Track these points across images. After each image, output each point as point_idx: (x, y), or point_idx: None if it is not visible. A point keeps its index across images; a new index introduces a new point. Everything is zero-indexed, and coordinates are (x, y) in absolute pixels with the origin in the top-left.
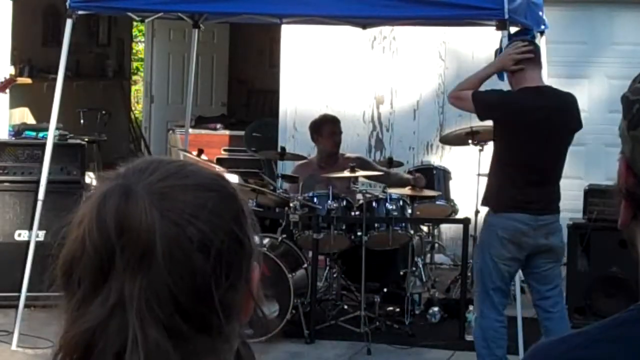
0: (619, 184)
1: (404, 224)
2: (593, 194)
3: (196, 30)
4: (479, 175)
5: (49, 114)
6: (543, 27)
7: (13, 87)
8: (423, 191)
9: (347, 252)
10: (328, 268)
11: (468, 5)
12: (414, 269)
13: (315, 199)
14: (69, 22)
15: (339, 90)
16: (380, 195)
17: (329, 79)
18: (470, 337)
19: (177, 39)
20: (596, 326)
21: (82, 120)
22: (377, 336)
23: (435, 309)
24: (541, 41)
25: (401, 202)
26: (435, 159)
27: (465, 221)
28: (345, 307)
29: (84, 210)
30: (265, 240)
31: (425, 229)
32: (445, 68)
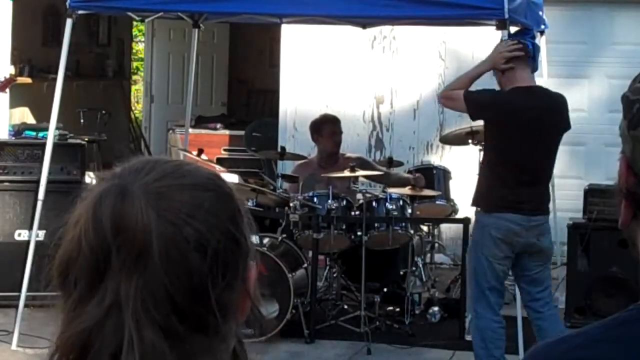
0: (620, 183)
1: (404, 224)
2: (593, 194)
3: (196, 30)
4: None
5: (49, 114)
6: (543, 27)
7: (13, 87)
8: (423, 191)
9: (347, 252)
10: (328, 268)
11: (468, 5)
12: (414, 268)
13: (315, 199)
14: (69, 22)
15: (339, 90)
16: (380, 195)
17: (329, 79)
18: (470, 337)
19: (177, 39)
20: (596, 326)
21: (82, 120)
22: (377, 336)
23: (435, 308)
24: (541, 41)
25: (401, 202)
26: (435, 159)
27: (465, 221)
28: (345, 307)
29: (80, 210)
30: (265, 240)
31: (425, 228)
32: (445, 68)
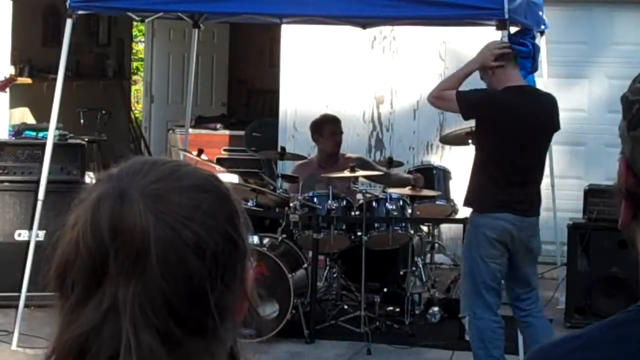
0: (619, 184)
1: (404, 224)
2: (593, 194)
3: (196, 30)
4: None
5: (49, 114)
6: (543, 27)
7: (13, 87)
8: (423, 191)
9: (347, 252)
10: (328, 268)
11: (468, 5)
12: (414, 269)
13: (315, 199)
14: (69, 22)
15: (339, 90)
16: (380, 195)
17: (329, 79)
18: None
19: (177, 39)
20: (595, 327)
21: (82, 120)
22: (377, 336)
23: (435, 309)
24: (541, 41)
25: (401, 202)
26: (435, 159)
27: (465, 221)
28: (345, 307)
29: (77, 213)
30: (265, 240)
31: (425, 229)
32: (445, 68)
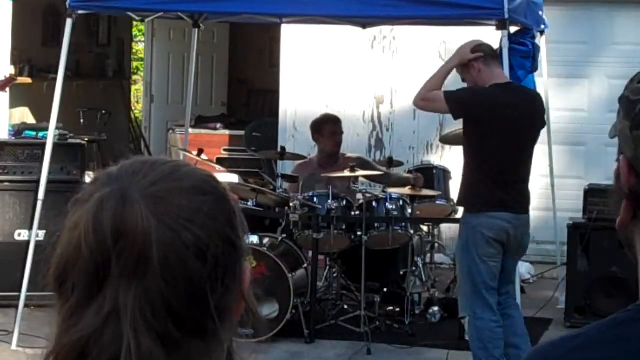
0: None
1: (404, 224)
2: (593, 194)
3: (196, 30)
4: None
5: (49, 114)
6: (543, 27)
7: (13, 87)
8: (423, 191)
9: (347, 252)
10: (328, 268)
11: (468, 5)
12: (414, 268)
13: (315, 199)
14: (69, 22)
15: (339, 90)
16: (380, 195)
17: (329, 79)
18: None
19: (177, 39)
20: (594, 327)
21: (82, 120)
22: (377, 336)
23: (435, 308)
24: (541, 41)
25: (401, 202)
26: (435, 159)
27: None
28: (345, 307)
29: (79, 214)
30: (265, 240)
31: (425, 228)
32: None
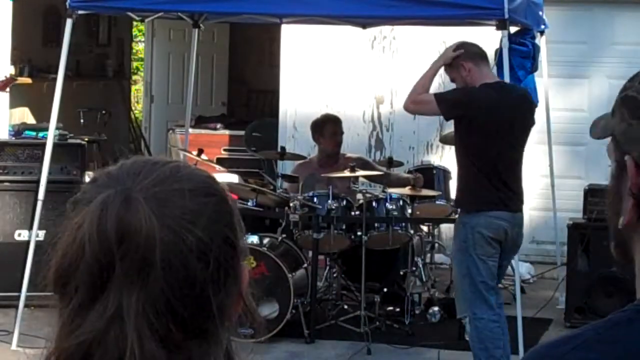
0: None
1: (404, 224)
2: (593, 193)
3: (196, 30)
4: None
5: (49, 114)
6: (543, 27)
7: (13, 87)
8: (422, 191)
9: (347, 252)
10: (328, 268)
11: (468, 5)
12: (414, 268)
13: (315, 199)
14: (69, 22)
15: (339, 90)
16: (380, 195)
17: (329, 79)
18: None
19: (177, 39)
20: (592, 327)
21: (82, 120)
22: (377, 336)
23: (435, 308)
24: (541, 41)
25: (401, 202)
26: (435, 159)
27: None
28: (345, 307)
29: (82, 216)
30: (265, 240)
31: (425, 228)
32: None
